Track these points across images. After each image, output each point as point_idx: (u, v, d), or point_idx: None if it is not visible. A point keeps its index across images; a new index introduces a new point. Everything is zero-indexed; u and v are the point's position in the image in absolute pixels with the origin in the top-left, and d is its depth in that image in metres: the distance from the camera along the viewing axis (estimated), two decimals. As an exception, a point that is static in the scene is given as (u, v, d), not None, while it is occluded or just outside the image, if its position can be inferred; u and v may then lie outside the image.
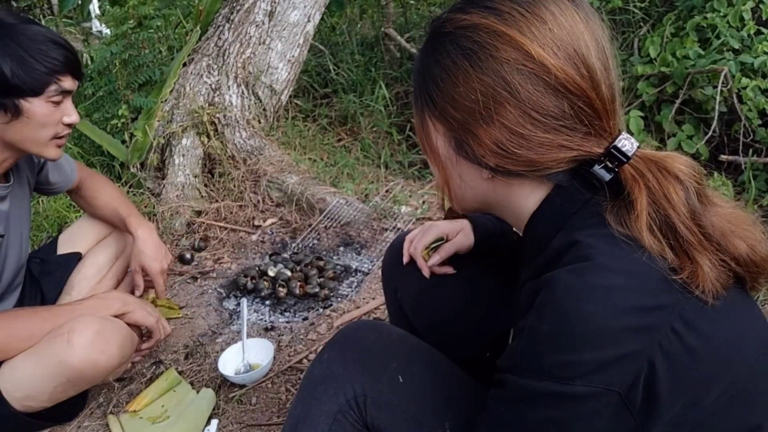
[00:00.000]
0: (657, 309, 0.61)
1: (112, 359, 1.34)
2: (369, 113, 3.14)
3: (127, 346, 1.42)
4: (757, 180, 2.23)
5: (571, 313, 0.60)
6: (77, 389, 1.39)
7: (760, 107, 2.27)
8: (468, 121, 0.70)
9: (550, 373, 0.61)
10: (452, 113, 0.71)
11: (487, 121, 0.68)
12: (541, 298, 0.63)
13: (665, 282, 0.62)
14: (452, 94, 0.70)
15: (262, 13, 2.84)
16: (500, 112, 0.67)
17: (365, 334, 0.91)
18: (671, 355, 0.61)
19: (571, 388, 0.60)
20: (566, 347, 0.60)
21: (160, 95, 2.69)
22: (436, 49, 0.71)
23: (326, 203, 2.40)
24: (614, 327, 0.60)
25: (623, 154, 0.67)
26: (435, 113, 0.73)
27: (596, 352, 0.60)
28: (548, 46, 0.66)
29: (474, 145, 0.70)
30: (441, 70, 0.71)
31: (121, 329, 1.41)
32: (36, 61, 1.24)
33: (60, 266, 1.71)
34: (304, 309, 1.92)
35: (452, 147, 0.73)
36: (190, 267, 2.22)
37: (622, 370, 0.60)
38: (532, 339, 0.63)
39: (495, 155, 0.70)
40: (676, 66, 2.41)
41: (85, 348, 1.29)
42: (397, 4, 3.97)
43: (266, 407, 1.51)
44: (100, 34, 5.21)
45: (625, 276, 0.61)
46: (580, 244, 0.65)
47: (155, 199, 2.55)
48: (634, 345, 0.60)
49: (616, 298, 0.60)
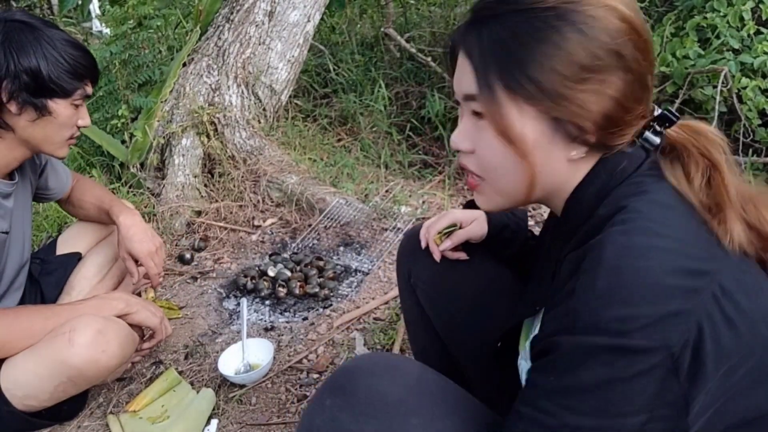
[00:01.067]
0: (700, 274, 0.62)
1: (114, 359, 1.35)
2: (369, 113, 3.14)
3: (129, 345, 1.42)
4: (757, 180, 2.23)
5: (625, 268, 0.61)
6: (78, 388, 1.40)
7: (760, 107, 2.27)
8: (579, 97, 0.68)
9: (607, 327, 0.59)
10: (559, 91, 0.68)
11: (599, 95, 0.68)
12: (591, 258, 0.63)
13: (706, 249, 0.65)
14: (563, 71, 0.67)
15: (262, 13, 2.84)
16: (612, 84, 0.68)
17: (377, 378, 0.75)
18: (714, 321, 0.61)
19: (628, 341, 0.59)
20: (623, 301, 0.59)
21: (160, 95, 2.69)
22: (536, 27, 0.68)
23: (326, 203, 2.40)
24: (668, 283, 0.60)
25: (674, 114, 0.72)
26: (530, 95, 0.69)
27: (652, 306, 0.59)
28: (638, 14, 0.69)
29: (582, 121, 0.69)
30: (547, 47, 0.67)
31: (123, 329, 1.41)
32: (69, 66, 1.33)
33: (60, 266, 1.71)
34: (304, 309, 1.92)
35: (547, 128, 0.70)
36: (190, 267, 2.22)
37: (677, 328, 0.59)
38: (585, 296, 0.62)
39: (601, 130, 0.70)
40: (676, 66, 2.40)
41: (87, 347, 1.30)
42: (397, 4, 3.97)
43: (266, 407, 1.51)
44: (100, 34, 5.21)
45: (670, 239, 0.63)
46: (626, 209, 0.66)
47: (155, 199, 2.55)
48: (685, 304, 0.60)
49: (666, 257, 0.61)
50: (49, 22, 1.36)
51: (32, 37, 1.28)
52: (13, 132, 1.33)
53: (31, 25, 1.29)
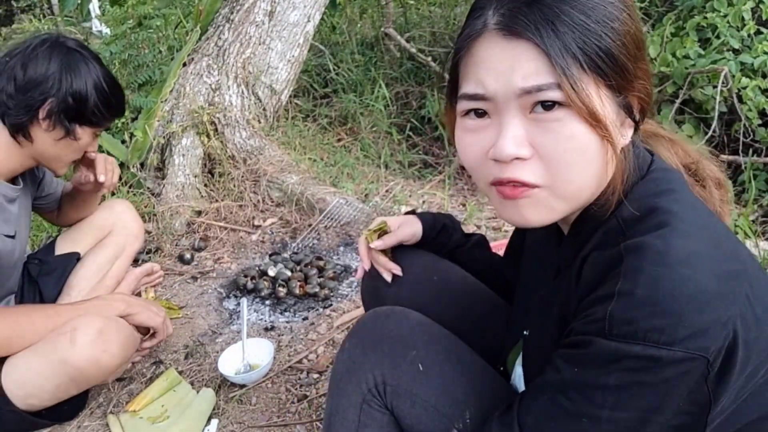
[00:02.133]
0: (735, 275, 0.62)
1: (115, 358, 1.36)
2: (369, 113, 3.14)
3: (130, 345, 1.43)
4: (757, 180, 2.23)
5: (669, 276, 0.59)
6: (79, 388, 1.40)
7: (760, 107, 2.27)
8: (637, 73, 0.66)
9: (646, 337, 0.59)
10: (629, 67, 0.65)
11: (645, 72, 0.68)
12: (629, 263, 0.62)
13: (733, 247, 0.65)
14: (629, 46, 0.65)
15: (262, 13, 2.84)
16: (647, 62, 0.68)
17: (384, 321, 0.90)
18: (747, 322, 0.61)
19: (667, 352, 0.58)
20: (665, 311, 0.58)
21: (160, 95, 2.69)
22: (603, 6, 0.64)
23: (326, 203, 2.40)
24: (711, 290, 0.59)
25: None
26: (604, 73, 0.64)
27: (696, 315, 0.58)
28: None
29: (639, 97, 0.68)
30: (618, 24, 0.64)
31: (124, 329, 1.42)
32: (112, 101, 1.45)
33: (59, 267, 1.71)
34: (304, 309, 1.92)
35: (618, 108, 0.67)
36: (190, 267, 2.22)
37: (716, 336, 0.59)
38: (626, 304, 0.60)
39: (642, 107, 0.69)
40: (676, 66, 2.41)
41: (88, 347, 1.31)
42: (397, 4, 3.97)
43: (266, 407, 1.51)
44: (100, 34, 5.21)
45: (706, 242, 0.62)
46: (658, 210, 0.65)
47: (155, 199, 2.55)
48: (726, 311, 0.59)
49: (707, 263, 0.60)
50: (97, 56, 1.45)
51: (86, 67, 1.39)
52: (31, 143, 1.39)
53: (85, 56, 1.40)
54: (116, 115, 1.50)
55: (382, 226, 1.12)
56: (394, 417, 0.85)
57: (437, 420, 0.82)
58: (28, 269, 1.66)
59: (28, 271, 1.66)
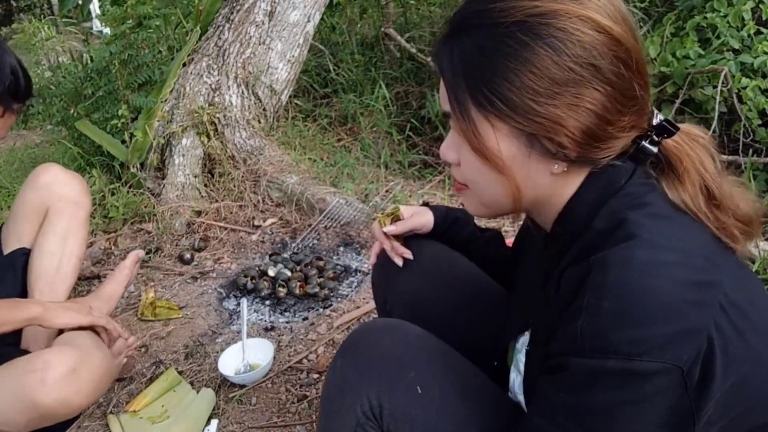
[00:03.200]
0: (708, 285, 0.62)
1: (87, 398, 1.28)
2: (369, 113, 3.13)
3: (104, 381, 1.34)
4: (757, 180, 2.23)
5: (634, 287, 0.59)
6: (51, 423, 1.30)
7: (760, 107, 2.27)
8: (553, 114, 0.66)
9: (617, 350, 0.59)
10: (533, 108, 0.66)
11: (575, 111, 0.66)
12: (595, 277, 0.62)
13: (709, 259, 0.64)
14: (534, 87, 0.65)
15: (262, 13, 2.84)
16: (589, 99, 0.65)
17: (380, 337, 0.86)
18: (723, 331, 0.61)
19: (639, 364, 0.58)
20: (632, 323, 0.59)
21: (160, 95, 2.69)
22: (504, 42, 0.66)
23: (326, 203, 2.40)
24: (679, 300, 0.59)
25: (673, 126, 0.70)
26: (502, 112, 0.67)
27: (663, 325, 0.58)
28: (621, 25, 0.66)
29: (559, 137, 0.66)
30: (518, 63, 0.65)
31: (98, 365, 1.32)
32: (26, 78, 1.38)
33: (8, 269, 1.58)
34: (304, 309, 1.92)
35: (523, 145, 0.68)
36: (190, 267, 2.22)
37: (688, 345, 0.59)
38: (593, 318, 0.61)
39: (581, 145, 0.67)
40: (676, 66, 2.40)
41: (58, 387, 1.21)
42: (397, 4, 3.97)
43: (266, 407, 1.51)
44: (100, 33, 5.21)
45: (675, 252, 0.62)
46: (627, 222, 0.65)
47: (155, 199, 2.55)
48: (696, 319, 0.59)
49: (674, 272, 0.60)
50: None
51: None
52: None
53: None
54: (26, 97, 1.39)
55: (396, 212, 1.13)
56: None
57: None
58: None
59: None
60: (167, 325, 1.87)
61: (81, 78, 2.95)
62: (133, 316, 1.93)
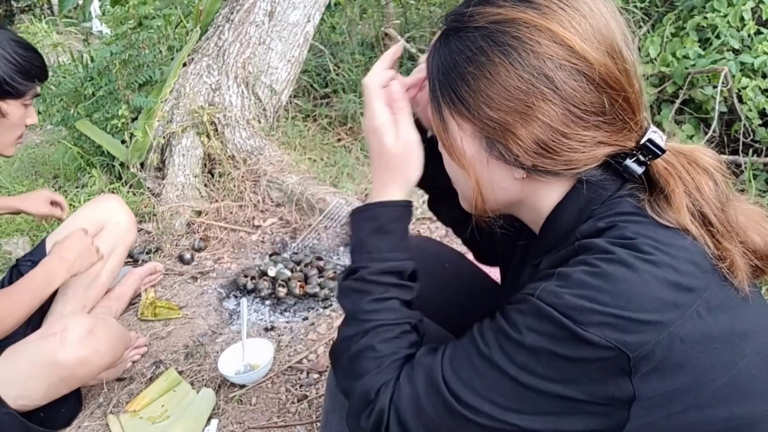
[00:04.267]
0: (688, 290, 0.62)
1: (105, 357, 1.36)
2: (369, 113, 3.13)
3: (120, 344, 1.43)
4: (757, 180, 2.23)
5: (605, 270, 0.61)
6: (70, 387, 1.40)
7: (760, 107, 2.27)
8: (505, 120, 0.67)
9: (566, 312, 0.60)
10: (486, 112, 0.67)
11: (527, 120, 0.66)
12: (578, 258, 0.64)
13: (698, 266, 0.63)
14: (488, 92, 0.66)
15: (262, 13, 2.84)
16: (542, 109, 0.65)
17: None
18: (690, 335, 0.61)
19: (581, 331, 0.59)
20: (590, 296, 0.60)
21: (160, 95, 2.69)
22: (466, 46, 0.68)
23: (326, 203, 2.40)
24: (646, 294, 0.60)
25: (658, 147, 0.67)
26: (463, 113, 0.69)
27: (618, 309, 0.59)
28: (590, 41, 0.65)
29: (511, 144, 0.67)
30: (474, 68, 0.67)
31: (113, 327, 1.42)
32: (21, 66, 1.33)
33: None
34: (304, 309, 1.92)
35: (483, 147, 0.70)
36: (190, 267, 2.22)
37: (640, 336, 0.60)
38: (559, 281, 0.63)
39: (534, 155, 0.67)
40: (676, 66, 2.40)
41: (78, 346, 1.30)
42: (397, 4, 3.97)
43: (266, 407, 1.51)
44: (100, 34, 5.21)
45: (662, 254, 0.62)
46: (617, 227, 0.65)
47: (155, 199, 2.55)
48: (659, 316, 0.60)
49: (651, 269, 0.61)
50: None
51: None
52: None
53: None
54: (36, 79, 1.39)
55: None
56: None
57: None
58: (20, 272, 1.64)
59: (21, 272, 1.63)
60: (167, 325, 1.87)
61: (81, 78, 2.95)
62: (133, 316, 1.93)
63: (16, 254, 2.24)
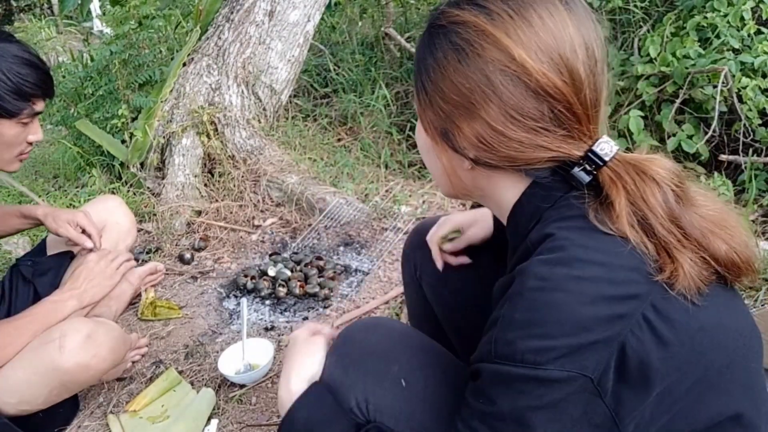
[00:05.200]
0: (629, 298, 0.63)
1: (105, 362, 1.35)
2: (369, 113, 3.13)
3: (120, 347, 1.42)
4: (757, 180, 2.23)
5: (542, 300, 0.63)
6: (71, 392, 1.40)
7: (760, 107, 2.27)
8: (453, 113, 0.72)
9: (523, 359, 0.62)
10: (440, 104, 0.73)
11: (470, 116, 0.71)
12: (514, 287, 0.66)
13: (639, 272, 0.64)
14: (441, 85, 0.72)
15: (262, 12, 2.84)
16: (483, 108, 0.70)
17: (365, 335, 0.89)
18: (643, 342, 0.62)
19: (543, 372, 0.61)
20: (539, 334, 0.62)
21: (160, 95, 2.69)
22: (431, 41, 0.74)
23: (326, 203, 2.40)
24: (585, 315, 0.61)
25: (600, 159, 0.69)
26: (424, 100, 0.76)
27: (568, 338, 0.61)
28: (532, 50, 0.68)
29: (457, 136, 0.73)
30: (433, 62, 0.73)
31: (113, 330, 1.41)
32: (14, 85, 1.26)
33: (53, 266, 1.70)
34: (304, 309, 1.92)
35: (438, 134, 0.76)
36: (190, 267, 2.22)
37: (595, 356, 0.62)
38: (505, 327, 0.65)
39: (475, 148, 0.73)
40: (676, 66, 2.40)
41: (77, 352, 1.29)
42: (397, 3, 3.97)
43: (266, 407, 1.51)
44: (100, 34, 5.21)
45: (597, 266, 0.63)
46: (554, 236, 0.67)
47: (155, 199, 2.56)
48: (605, 332, 0.61)
49: (586, 287, 0.62)
50: (4, 34, 1.30)
51: None
52: None
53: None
54: (32, 98, 1.31)
55: (456, 235, 1.14)
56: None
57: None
58: (20, 271, 1.65)
59: (21, 273, 1.65)
60: (167, 325, 1.88)
61: (81, 78, 2.95)
62: (133, 315, 1.94)
63: (16, 254, 2.24)
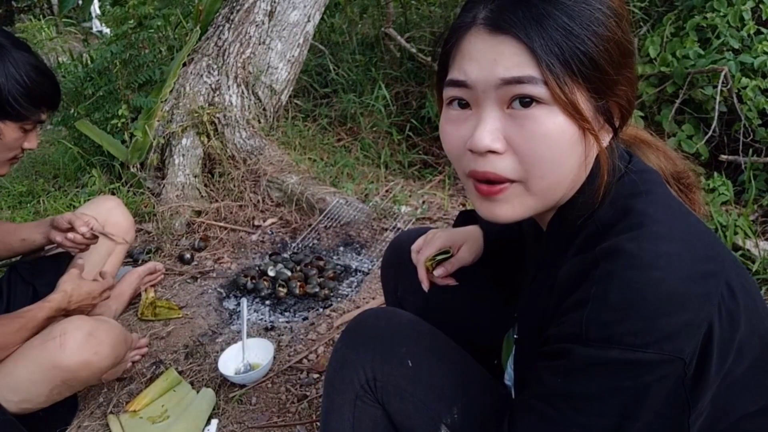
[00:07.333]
0: (711, 275, 0.62)
1: (106, 360, 1.36)
2: (369, 113, 3.13)
3: (121, 345, 1.43)
4: (757, 180, 2.23)
5: (640, 280, 0.60)
6: (73, 390, 1.40)
7: (760, 107, 2.27)
8: (618, 79, 0.66)
9: (621, 341, 0.60)
10: (608, 70, 0.65)
11: (628, 78, 0.68)
12: (603, 268, 0.62)
13: (710, 247, 0.64)
14: (610, 51, 0.65)
15: (262, 13, 2.84)
16: (633, 69, 0.68)
17: (376, 320, 0.93)
18: (722, 322, 0.62)
19: (643, 355, 0.59)
20: (638, 315, 0.59)
21: (160, 95, 2.69)
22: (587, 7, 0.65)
23: (326, 203, 2.40)
24: (683, 292, 0.60)
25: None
26: (584, 74, 0.64)
27: (668, 318, 0.59)
28: None
29: (617, 102, 0.68)
30: (600, 27, 0.64)
31: (114, 329, 1.41)
32: (31, 91, 1.29)
33: (52, 267, 1.70)
34: (304, 309, 1.92)
35: (594, 110, 0.67)
36: (190, 267, 2.22)
37: (691, 338, 0.60)
38: (599, 309, 0.61)
39: (623, 114, 0.70)
40: (676, 66, 2.40)
41: (78, 350, 1.30)
42: (397, 4, 3.97)
43: (266, 407, 1.51)
44: (100, 34, 5.22)
45: (680, 243, 0.62)
46: (633, 212, 0.65)
47: (155, 199, 2.55)
48: (699, 311, 0.60)
49: (679, 264, 0.60)
50: (22, 43, 1.32)
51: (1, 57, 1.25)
52: None
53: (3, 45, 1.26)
54: (42, 106, 1.34)
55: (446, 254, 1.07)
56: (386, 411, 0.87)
57: (426, 415, 0.83)
58: (19, 272, 1.65)
59: (20, 274, 1.65)
60: (167, 325, 1.87)
61: (81, 78, 2.95)
62: (133, 316, 1.93)
63: (16, 254, 2.24)
